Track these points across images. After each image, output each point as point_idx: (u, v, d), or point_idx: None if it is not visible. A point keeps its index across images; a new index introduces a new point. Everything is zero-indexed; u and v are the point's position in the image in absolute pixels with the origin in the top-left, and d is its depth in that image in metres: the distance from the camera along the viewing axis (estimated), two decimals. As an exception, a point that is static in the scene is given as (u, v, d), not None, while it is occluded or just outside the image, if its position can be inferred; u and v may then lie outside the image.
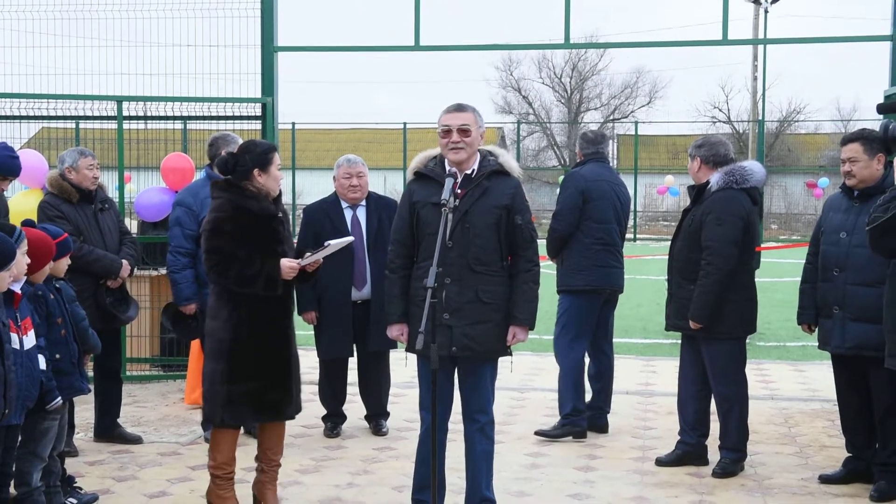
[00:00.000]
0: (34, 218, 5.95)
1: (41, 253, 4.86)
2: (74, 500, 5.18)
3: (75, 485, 5.33)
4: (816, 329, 5.79)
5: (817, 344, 5.81)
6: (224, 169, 5.06)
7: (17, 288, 4.47)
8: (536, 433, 6.67)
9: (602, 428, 6.81)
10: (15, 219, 5.73)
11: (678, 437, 6.12)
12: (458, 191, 4.70)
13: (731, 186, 5.78)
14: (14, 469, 4.53)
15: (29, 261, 4.56)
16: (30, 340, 4.49)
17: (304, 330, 10.59)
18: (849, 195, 5.63)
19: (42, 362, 4.60)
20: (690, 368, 6.02)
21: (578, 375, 6.64)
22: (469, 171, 4.82)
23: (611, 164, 6.93)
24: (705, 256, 5.71)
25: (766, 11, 34.07)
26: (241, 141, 6.64)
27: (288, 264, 4.99)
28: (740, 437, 5.92)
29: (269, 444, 5.22)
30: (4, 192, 6.21)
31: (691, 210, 5.93)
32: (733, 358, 5.86)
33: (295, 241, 6.76)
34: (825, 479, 5.75)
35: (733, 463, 5.89)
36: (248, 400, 5.00)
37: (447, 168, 4.81)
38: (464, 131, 4.76)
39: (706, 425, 6.08)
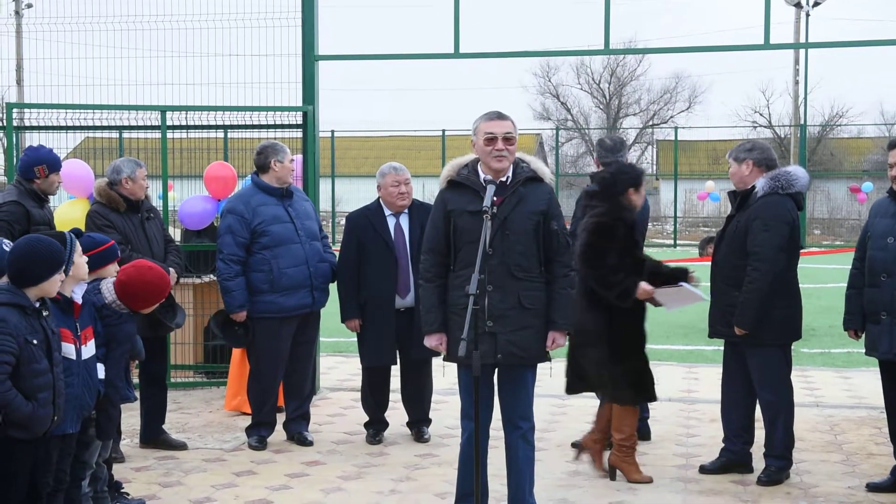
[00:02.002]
0: (82, 227, 6.04)
1: (158, 292, 4.91)
2: None
3: (122, 490, 5.39)
4: (863, 335, 5.72)
5: (863, 350, 5.74)
6: (603, 185, 5.86)
7: (77, 298, 4.52)
8: (573, 445, 6.63)
9: (645, 435, 6.75)
10: (61, 228, 5.81)
11: (722, 445, 6.07)
12: (495, 198, 4.70)
13: (777, 192, 5.72)
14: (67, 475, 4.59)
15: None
16: (89, 350, 4.54)
17: (346, 337, 10.59)
18: (896, 200, 5.56)
19: (101, 371, 4.65)
20: (735, 375, 5.96)
21: None
22: (504, 178, 4.82)
23: None
24: (752, 262, 5.65)
25: (808, 15, 33.73)
26: (287, 150, 6.66)
27: (645, 287, 5.62)
28: (786, 444, 5.85)
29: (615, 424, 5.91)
30: (51, 205, 6.28)
31: (735, 216, 5.87)
32: (779, 364, 5.80)
33: (337, 248, 6.82)
34: (873, 488, 5.67)
35: (779, 471, 5.82)
36: (637, 380, 5.75)
37: (481, 175, 4.82)
38: (508, 139, 4.77)
39: (751, 432, 6.02)
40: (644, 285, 5.63)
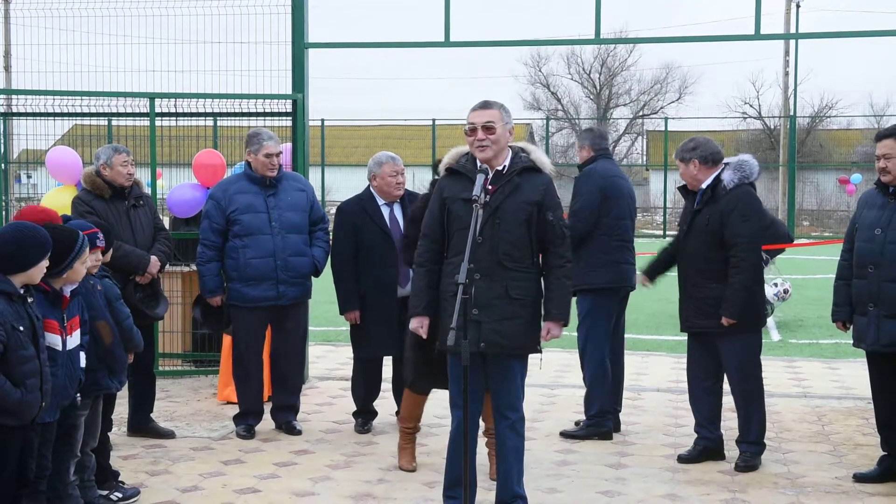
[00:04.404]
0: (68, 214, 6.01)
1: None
2: (119, 494, 5.27)
3: (119, 480, 5.39)
4: (851, 326, 5.75)
5: (851, 341, 5.78)
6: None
7: (66, 292, 4.50)
8: (562, 434, 6.64)
9: (615, 427, 6.71)
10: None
11: (696, 434, 6.12)
12: (489, 187, 4.71)
13: (744, 182, 5.84)
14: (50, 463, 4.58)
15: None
16: (74, 340, 4.53)
17: (335, 326, 10.58)
18: (884, 191, 5.58)
19: (83, 359, 4.64)
20: (705, 364, 6.03)
21: (605, 376, 6.59)
22: (500, 167, 4.82)
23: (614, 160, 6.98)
24: (737, 253, 5.70)
25: (798, 6, 33.82)
26: (265, 141, 6.57)
27: None
28: (761, 430, 5.97)
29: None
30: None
31: (702, 210, 5.89)
32: (754, 351, 5.93)
33: (330, 238, 6.80)
34: (860, 478, 5.70)
35: (754, 456, 5.93)
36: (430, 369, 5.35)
37: (478, 164, 4.82)
38: (488, 129, 4.76)
39: (720, 418, 6.13)
40: None
